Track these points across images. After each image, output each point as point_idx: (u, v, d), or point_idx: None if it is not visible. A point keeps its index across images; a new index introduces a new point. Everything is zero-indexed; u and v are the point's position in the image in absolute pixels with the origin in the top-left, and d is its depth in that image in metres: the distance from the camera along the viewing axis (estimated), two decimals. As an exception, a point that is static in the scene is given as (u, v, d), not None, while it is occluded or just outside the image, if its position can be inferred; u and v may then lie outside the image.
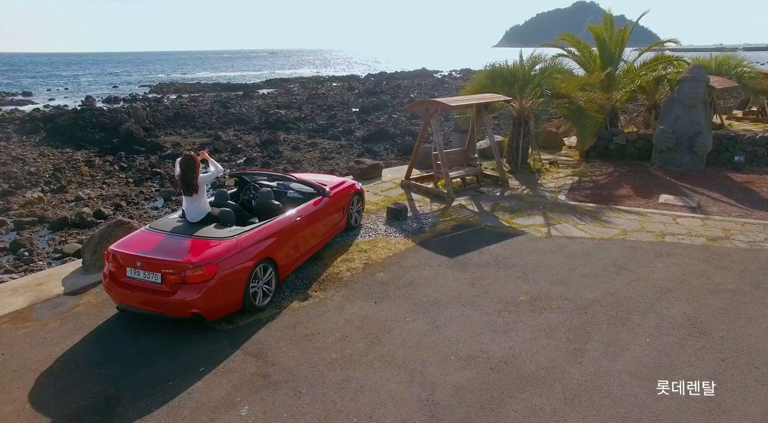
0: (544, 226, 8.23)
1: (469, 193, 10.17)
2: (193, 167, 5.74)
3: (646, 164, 12.36)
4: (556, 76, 11.44)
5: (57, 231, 11.04)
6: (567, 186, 10.60)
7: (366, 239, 7.74)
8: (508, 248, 7.31)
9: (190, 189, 5.74)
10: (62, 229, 11.09)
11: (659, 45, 15.31)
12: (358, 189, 8.15)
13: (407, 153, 19.28)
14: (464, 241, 7.63)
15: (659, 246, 7.31)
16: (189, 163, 5.74)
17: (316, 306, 5.77)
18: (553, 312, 5.50)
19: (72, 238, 10.73)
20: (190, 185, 5.74)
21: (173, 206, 13.20)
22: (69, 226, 11.22)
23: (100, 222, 11.55)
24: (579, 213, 8.86)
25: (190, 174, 5.73)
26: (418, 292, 6.03)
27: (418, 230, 8.09)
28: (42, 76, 77.31)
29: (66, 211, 12.49)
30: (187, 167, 5.73)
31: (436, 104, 9.57)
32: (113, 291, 5.26)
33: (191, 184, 5.74)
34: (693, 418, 3.89)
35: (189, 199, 5.79)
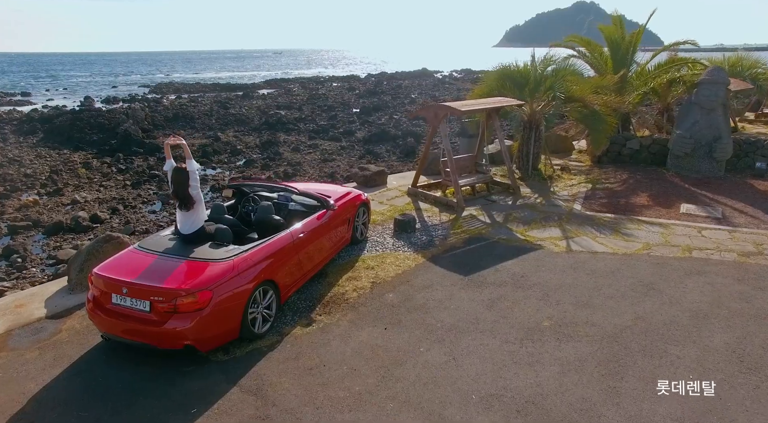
0: (561, 240, 7.73)
1: (479, 201, 9.67)
2: (187, 179, 5.24)
3: (662, 170, 11.87)
4: (570, 78, 10.92)
5: (52, 236, 10.70)
6: (581, 194, 10.10)
7: (373, 254, 7.25)
8: (525, 265, 6.82)
9: (187, 203, 5.24)
10: (57, 234, 10.74)
11: (674, 46, 14.79)
12: (363, 200, 7.66)
13: (409, 155, 18.86)
14: (478, 256, 7.13)
15: (688, 262, 6.81)
16: (181, 176, 5.24)
17: (321, 333, 5.28)
18: (580, 341, 5.01)
19: (67, 243, 10.41)
20: (185, 199, 5.25)
21: (171, 210, 12.82)
22: (64, 231, 10.89)
23: (96, 226, 11.22)
24: (597, 224, 8.36)
25: (184, 187, 5.23)
26: (432, 316, 5.54)
27: (428, 244, 7.59)
28: (41, 76, 76.72)
29: (62, 214, 12.14)
30: (180, 181, 5.23)
31: (445, 109, 9.08)
32: (97, 318, 4.77)
33: (186, 198, 5.24)
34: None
35: (185, 213, 5.29)
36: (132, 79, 72.21)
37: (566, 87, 10.68)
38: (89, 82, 65.26)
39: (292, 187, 6.71)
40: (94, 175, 16.11)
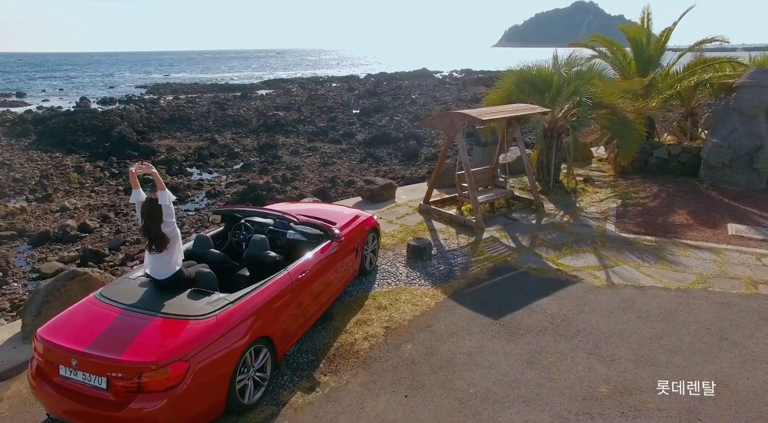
0: (600, 269, 6.73)
1: (499, 220, 8.67)
2: (160, 214, 4.22)
3: (695, 182, 10.87)
4: (596, 82, 9.89)
5: (38, 246, 10.12)
6: (612, 211, 9.10)
7: (385, 289, 6.24)
8: (564, 304, 5.81)
9: (159, 243, 4.21)
10: (43, 245, 10.16)
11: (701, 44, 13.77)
12: (373, 224, 6.65)
13: (411, 158, 18.05)
14: (507, 291, 6.12)
15: (758, 301, 5.81)
16: (153, 210, 4.21)
17: (327, 401, 4.27)
18: (652, 418, 4.00)
19: (53, 254, 9.74)
20: (157, 238, 4.21)
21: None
22: (51, 241, 10.31)
23: (85, 236, 10.68)
24: (638, 250, 7.36)
25: (156, 223, 4.21)
26: (461, 377, 4.53)
27: (448, 275, 6.58)
28: (39, 77, 75.47)
29: (50, 222, 11.51)
30: (152, 215, 4.21)
31: (463, 117, 8.06)
32: (41, 394, 3.75)
33: (159, 237, 4.21)
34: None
35: (157, 255, 4.26)
36: (130, 79, 71.12)
37: (593, 91, 9.65)
38: (86, 83, 64.17)
39: (291, 216, 5.64)
40: (86, 179, 15.50)
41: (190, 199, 13.96)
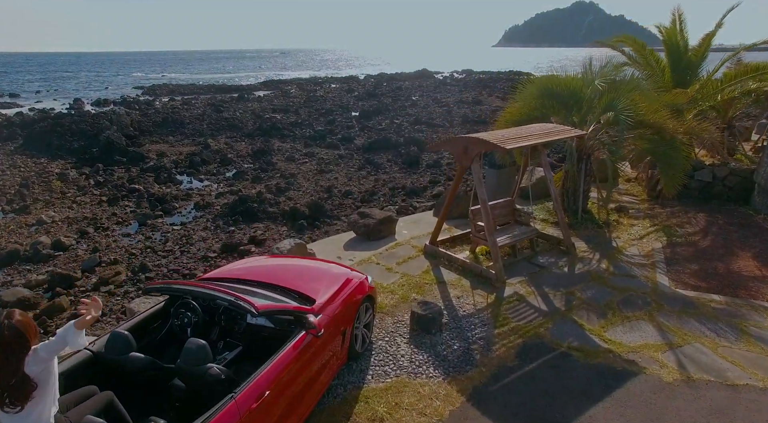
0: (665, 350, 5.14)
1: (522, 267, 7.08)
2: (21, 348, 2.60)
3: (747, 211, 9.31)
4: (634, 95, 8.27)
5: (4, 267, 9.35)
6: (659, 254, 7.51)
7: (380, 384, 4.63)
8: (628, 416, 4.22)
9: (16, 396, 2.59)
10: (11, 265, 9.40)
11: (747, 49, 12.17)
12: (368, 292, 5.05)
13: (412, 165, 16.73)
14: (545, 391, 4.52)
15: None
16: (13, 342, 2.59)
17: None
18: None
19: (20, 276, 8.98)
20: (16, 391, 2.59)
21: (147, 233, 11.20)
22: (20, 261, 9.55)
23: (59, 255, 9.78)
24: (706, 316, 5.77)
25: (13, 362, 2.59)
26: None
27: (464, 359, 4.99)
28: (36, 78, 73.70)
29: (23, 238, 10.74)
30: (9, 351, 2.59)
31: (480, 144, 6.43)
32: None
33: (19, 388, 2.60)
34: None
35: (12, 415, 2.64)
36: (127, 80, 69.48)
37: (632, 107, 8.03)
38: (82, 83, 62.52)
39: (248, 304, 3.72)
40: (69, 188, 14.53)
41: (177, 212, 12.78)
